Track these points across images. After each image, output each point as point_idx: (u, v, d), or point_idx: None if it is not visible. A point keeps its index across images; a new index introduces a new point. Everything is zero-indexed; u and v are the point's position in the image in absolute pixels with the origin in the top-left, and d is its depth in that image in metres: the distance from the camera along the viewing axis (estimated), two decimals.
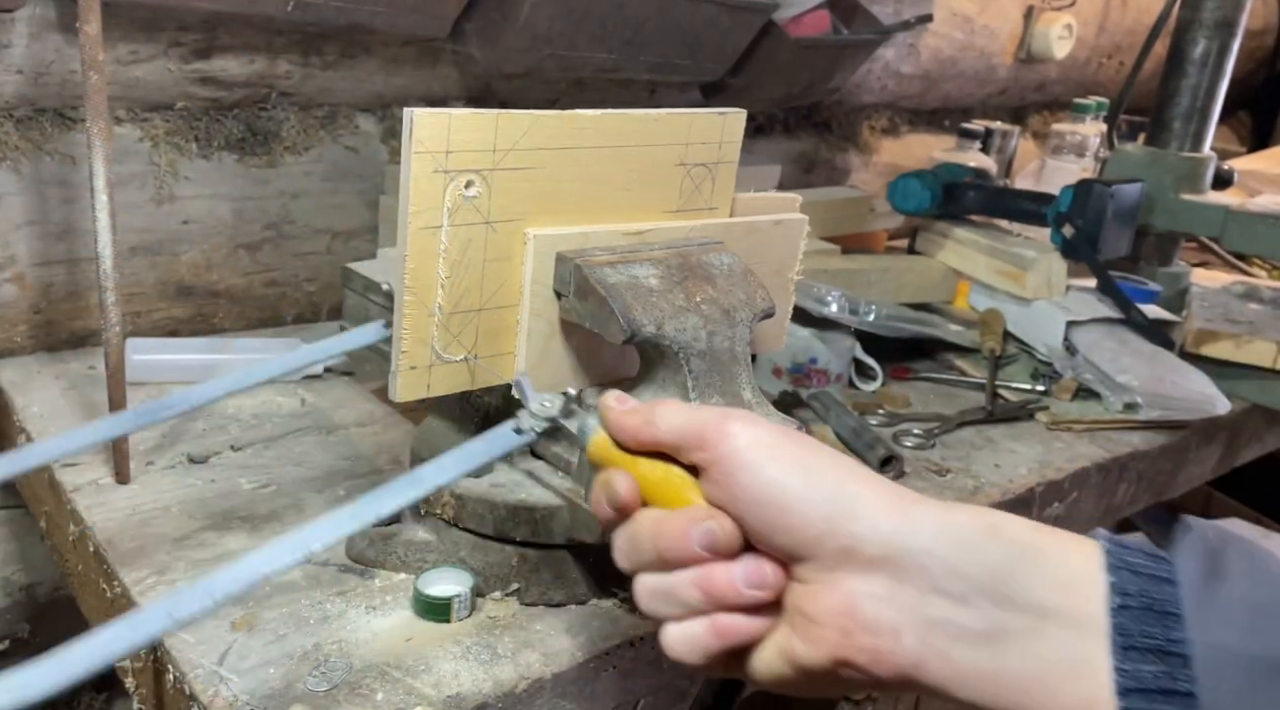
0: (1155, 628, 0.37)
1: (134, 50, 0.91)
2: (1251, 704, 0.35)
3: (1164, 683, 0.36)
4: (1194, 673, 0.36)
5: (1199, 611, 0.37)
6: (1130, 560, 0.39)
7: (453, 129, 0.57)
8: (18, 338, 0.96)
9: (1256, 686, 0.35)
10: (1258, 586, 0.37)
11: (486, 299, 0.62)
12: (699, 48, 1.16)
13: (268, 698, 0.56)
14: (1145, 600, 0.37)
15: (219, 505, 0.75)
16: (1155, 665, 0.37)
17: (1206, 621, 0.37)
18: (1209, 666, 0.36)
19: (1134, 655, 0.37)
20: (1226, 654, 0.36)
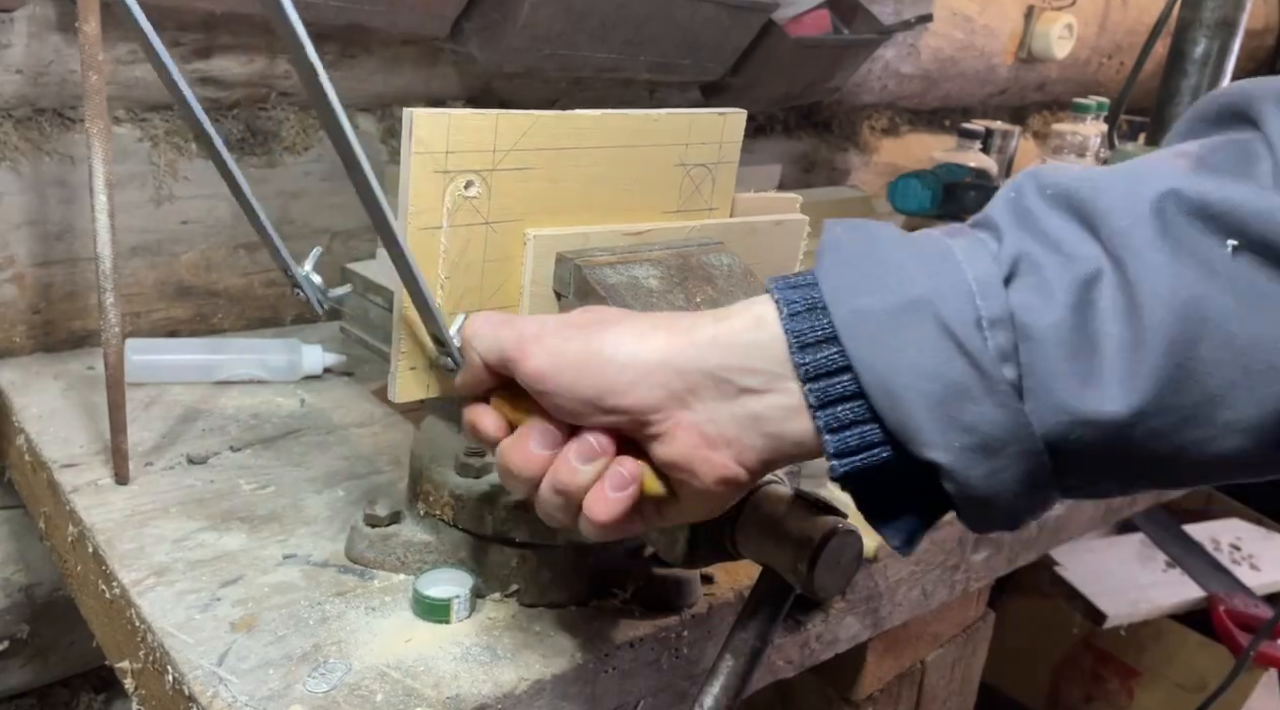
0: (819, 321, 0.43)
1: (134, 50, 0.91)
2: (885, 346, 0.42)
3: (834, 363, 0.43)
4: (843, 345, 0.43)
5: (835, 293, 0.43)
6: (789, 280, 0.45)
7: (452, 129, 0.57)
8: (17, 338, 0.96)
9: (886, 331, 0.42)
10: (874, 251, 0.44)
11: (486, 299, 0.62)
12: (699, 48, 1.16)
13: (267, 698, 0.56)
14: (806, 303, 0.44)
15: (218, 506, 0.75)
16: (824, 351, 0.43)
17: (839, 298, 0.43)
18: (851, 332, 0.42)
19: (809, 349, 0.43)
20: (859, 315, 0.42)
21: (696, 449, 0.46)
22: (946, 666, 1.08)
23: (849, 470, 0.44)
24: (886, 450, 0.43)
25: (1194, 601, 1.56)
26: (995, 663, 1.18)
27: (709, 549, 0.58)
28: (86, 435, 0.82)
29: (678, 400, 0.46)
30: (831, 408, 0.44)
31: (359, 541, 0.69)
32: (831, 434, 0.44)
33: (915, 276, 0.42)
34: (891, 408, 0.42)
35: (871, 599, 0.82)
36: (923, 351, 0.41)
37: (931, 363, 0.41)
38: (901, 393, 0.41)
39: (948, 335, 0.41)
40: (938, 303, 0.41)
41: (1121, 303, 0.39)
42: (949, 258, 0.42)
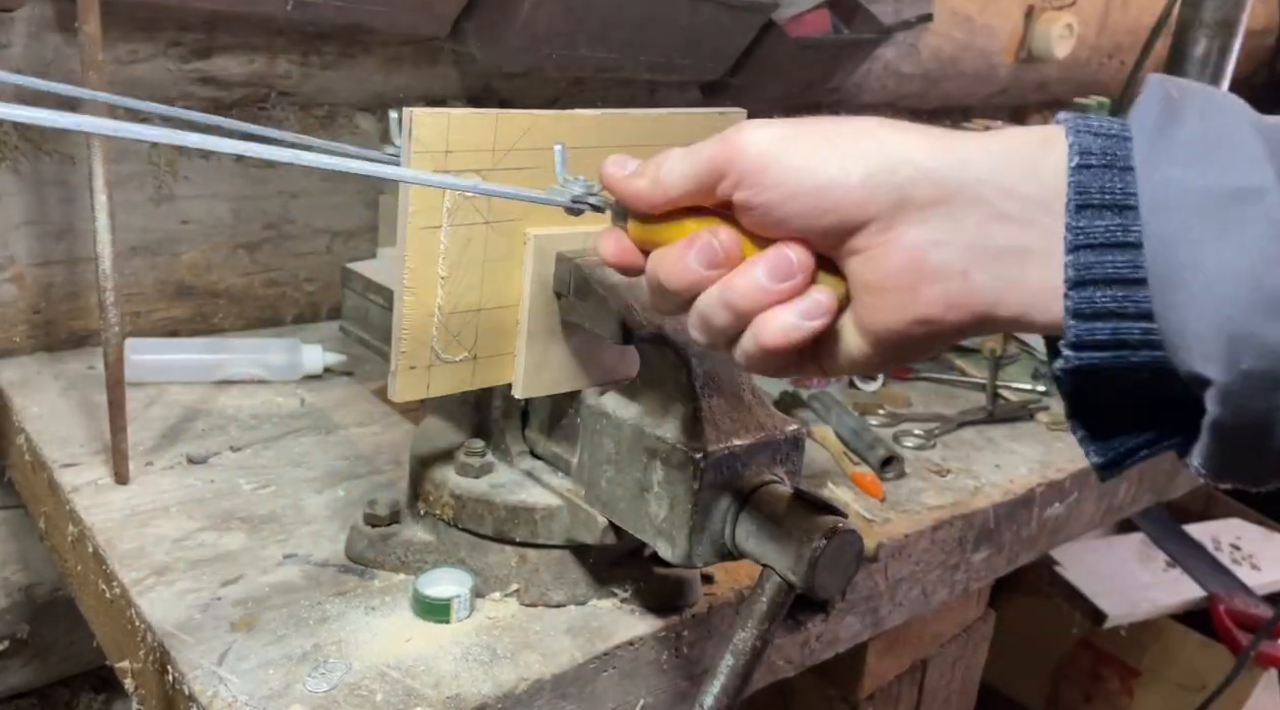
0: (1115, 182, 0.36)
1: (134, 50, 0.91)
2: (1195, 231, 0.35)
3: (1116, 236, 0.36)
4: (1142, 219, 0.35)
5: (1149, 157, 0.36)
6: (1091, 124, 0.38)
7: (452, 129, 0.57)
8: (17, 338, 0.96)
9: (1205, 215, 0.35)
10: (1210, 123, 0.36)
11: (486, 299, 0.62)
12: (699, 48, 1.16)
13: (267, 698, 0.56)
14: (1106, 157, 0.37)
15: (218, 505, 0.75)
16: (1109, 219, 0.36)
17: (1155, 163, 0.36)
18: (1154, 205, 0.35)
19: (1089, 212, 0.36)
20: (1173, 189, 0.35)
21: (905, 273, 0.39)
22: (946, 666, 1.08)
23: (1082, 365, 0.37)
24: (1140, 355, 0.36)
25: (1194, 601, 1.56)
26: (995, 663, 1.18)
27: (709, 549, 0.58)
28: (87, 435, 0.82)
29: (912, 211, 0.39)
30: (1090, 288, 0.36)
31: (359, 541, 0.69)
32: (1079, 320, 0.36)
33: (1257, 159, 0.34)
34: (1173, 305, 0.35)
35: (871, 599, 0.82)
36: (1242, 249, 0.34)
37: (1249, 264, 0.34)
38: (1198, 291, 0.34)
39: (1277, 237, 0.33)
40: (1275, 195, 0.34)
41: None
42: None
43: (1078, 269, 0.36)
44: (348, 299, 0.88)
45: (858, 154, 0.40)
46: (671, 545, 0.58)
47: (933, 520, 0.85)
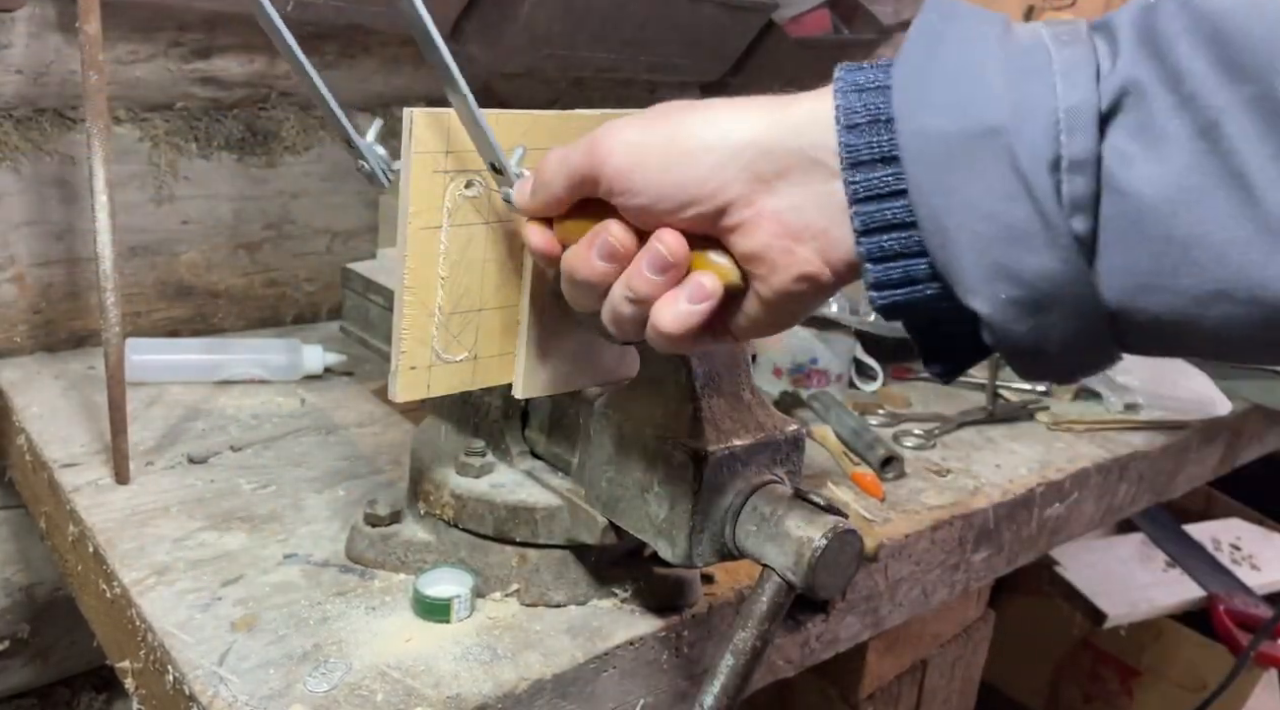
0: (880, 136, 0.39)
1: (134, 50, 0.91)
2: (947, 176, 0.37)
3: (890, 186, 0.39)
4: (903, 169, 0.38)
5: (906, 105, 0.38)
6: (858, 78, 0.41)
7: (452, 129, 0.57)
8: (17, 338, 0.96)
9: (954, 159, 0.37)
10: (963, 56, 0.38)
11: (486, 299, 0.62)
12: (699, 48, 1.16)
13: (267, 698, 0.56)
14: (869, 113, 0.39)
15: (218, 505, 0.75)
16: (880, 171, 0.39)
17: (911, 112, 0.38)
18: (913, 154, 0.38)
19: (863, 167, 0.39)
20: (925, 136, 0.38)
21: (778, 239, 0.42)
22: (946, 666, 1.08)
23: (886, 304, 0.41)
24: (931, 288, 0.40)
25: (1194, 601, 1.56)
26: (995, 663, 1.18)
27: (709, 549, 0.58)
28: (87, 435, 0.83)
29: (763, 185, 0.42)
30: (876, 235, 0.40)
31: (359, 541, 0.69)
32: (874, 264, 0.40)
33: (998, 97, 0.37)
34: (941, 246, 0.38)
35: (871, 599, 0.82)
36: (986, 188, 0.36)
37: (990, 201, 0.36)
38: (954, 230, 0.37)
39: (1015, 173, 0.36)
40: (1013, 134, 0.36)
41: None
42: (1043, 75, 0.37)
43: (863, 219, 0.40)
44: (348, 299, 0.88)
45: (704, 146, 0.43)
46: (671, 545, 0.58)
47: (933, 520, 0.85)
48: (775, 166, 0.42)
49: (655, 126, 0.45)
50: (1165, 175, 0.35)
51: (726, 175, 0.43)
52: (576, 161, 0.47)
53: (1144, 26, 0.36)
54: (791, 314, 0.46)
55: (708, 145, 0.43)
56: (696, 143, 0.43)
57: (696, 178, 0.43)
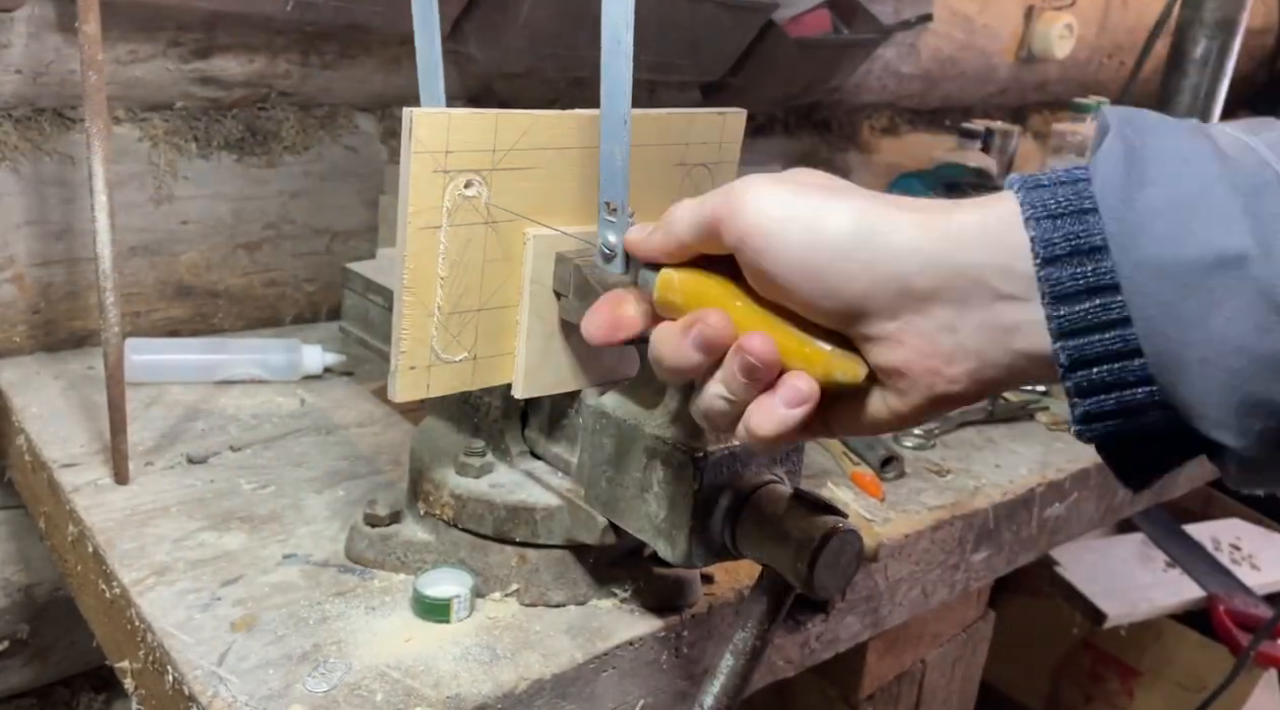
0: (1084, 267, 0.36)
1: (133, 50, 0.91)
2: (1182, 308, 0.35)
3: (1098, 316, 0.36)
4: (1124, 297, 0.36)
5: (1123, 233, 0.36)
6: (1046, 201, 0.37)
7: (452, 129, 0.57)
8: (17, 338, 0.96)
9: (1189, 290, 0.34)
10: (1179, 182, 0.35)
11: (486, 299, 0.62)
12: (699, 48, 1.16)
13: (267, 698, 0.56)
14: (1070, 244, 0.37)
15: (218, 505, 0.75)
16: (1088, 302, 0.36)
17: (1132, 240, 0.35)
18: (1138, 286, 0.35)
19: (1067, 300, 0.37)
20: (1152, 268, 0.35)
21: (925, 359, 0.40)
22: (946, 666, 1.08)
23: (1097, 435, 0.38)
24: (1151, 417, 0.37)
25: (1194, 601, 1.56)
26: (995, 663, 1.18)
27: (709, 549, 0.58)
28: (86, 435, 0.82)
29: (914, 301, 0.39)
30: (1086, 368, 0.37)
31: (359, 541, 0.69)
32: (1081, 398, 0.37)
33: (1233, 220, 0.34)
34: (1175, 381, 0.35)
35: (871, 599, 0.82)
36: (1232, 320, 0.33)
37: (1238, 335, 0.33)
38: (1195, 364, 0.34)
39: (1266, 303, 0.33)
40: (1259, 260, 0.33)
41: None
42: (1272, 193, 0.34)
43: (1069, 353, 0.37)
44: (348, 299, 0.88)
45: (856, 241, 0.40)
46: (671, 545, 0.58)
47: (932, 520, 0.85)
48: (932, 283, 0.39)
49: (804, 197, 0.41)
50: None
51: (875, 279, 0.39)
52: (710, 207, 0.44)
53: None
54: (925, 419, 0.43)
55: (860, 242, 0.40)
56: (849, 236, 0.40)
57: (842, 273, 0.40)
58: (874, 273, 0.40)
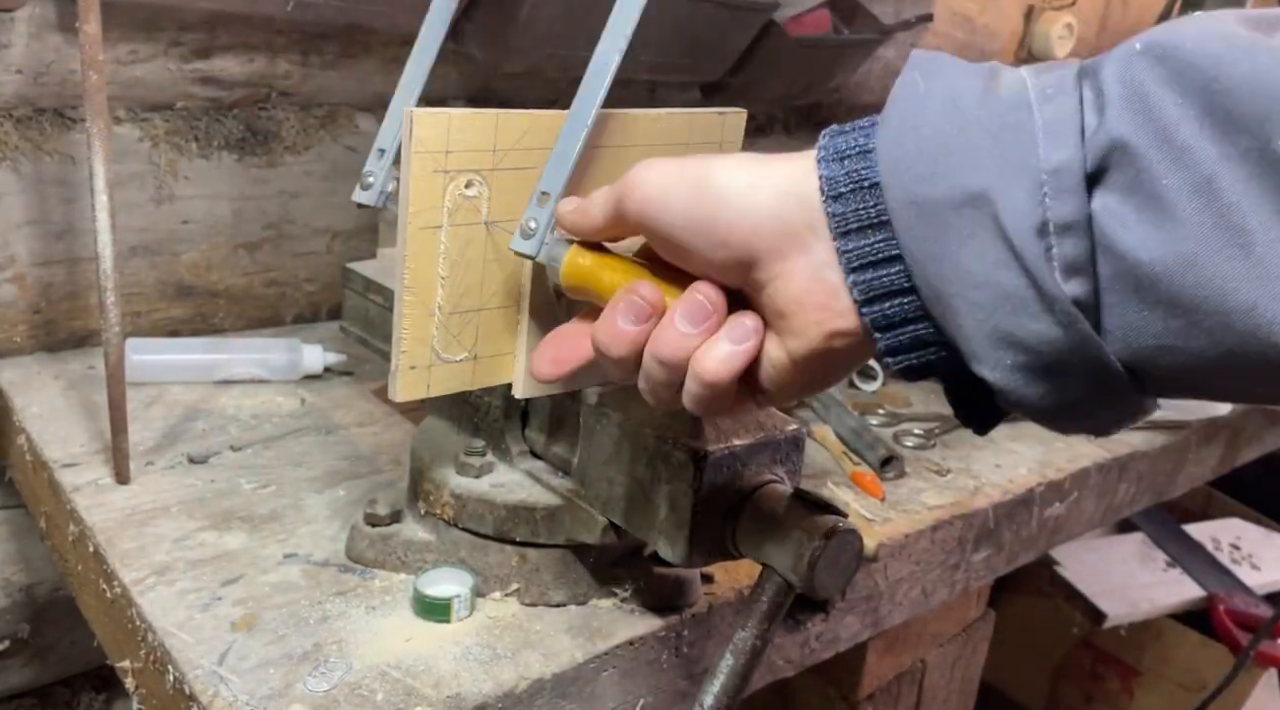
0: (866, 202, 0.39)
1: (134, 50, 0.91)
2: (938, 244, 0.37)
3: (881, 251, 0.39)
4: (894, 234, 0.38)
5: (893, 171, 0.38)
6: (839, 145, 0.40)
7: (452, 129, 0.57)
8: (17, 338, 0.96)
9: (943, 225, 0.37)
10: (947, 119, 0.37)
11: (486, 299, 0.62)
12: (699, 48, 1.16)
13: (267, 698, 0.56)
14: (853, 180, 0.39)
15: (219, 505, 0.75)
16: (872, 237, 0.39)
17: (897, 178, 0.38)
18: (904, 223, 0.38)
19: (852, 236, 0.39)
20: (914, 205, 0.37)
21: (811, 294, 0.41)
22: (946, 666, 1.08)
23: (902, 368, 0.40)
24: (942, 351, 0.39)
25: (1194, 601, 1.56)
26: (995, 663, 1.18)
27: (709, 549, 0.58)
28: (87, 435, 0.82)
29: (795, 238, 0.41)
30: (878, 303, 0.39)
31: (359, 541, 0.69)
32: (881, 332, 0.40)
33: (981, 160, 0.36)
34: (941, 313, 0.38)
35: (871, 598, 0.82)
36: (977, 255, 0.36)
37: (983, 268, 0.36)
38: (951, 298, 0.37)
39: (1003, 239, 0.35)
40: (997, 199, 0.35)
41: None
42: (1026, 134, 0.35)
43: (862, 288, 0.39)
44: (348, 299, 0.88)
45: (736, 190, 0.43)
46: (671, 545, 0.58)
47: (933, 520, 0.85)
48: (807, 219, 0.41)
49: (689, 166, 0.45)
50: (1162, 237, 0.33)
51: (758, 221, 0.42)
52: (616, 187, 0.47)
53: (1129, 78, 0.34)
54: (825, 373, 0.44)
55: (740, 190, 0.42)
56: (730, 186, 0.43)
57: (728, 220, 0.42)
58: (756, 216, 0.42)
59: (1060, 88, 0.36)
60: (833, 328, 0.41)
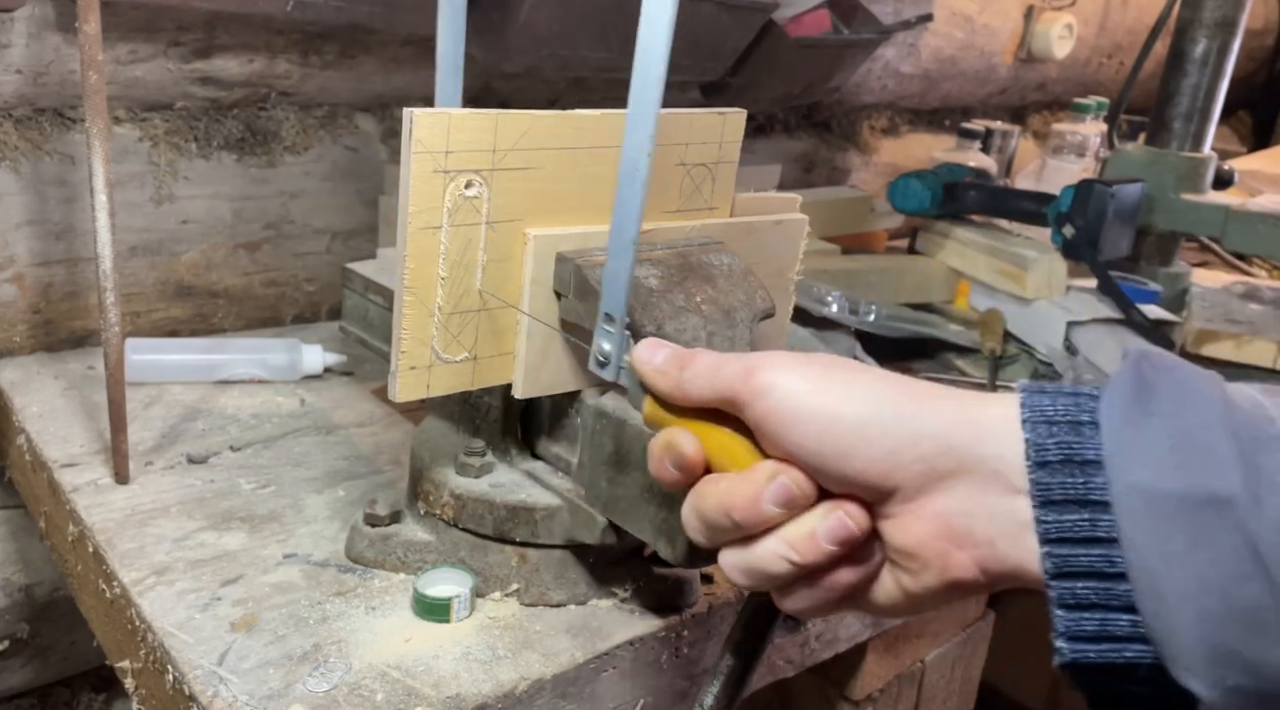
0: (1076, 478, 0.37)
1: (133, 50, 0.91)
2: (1169, 541, 0.35)
3: (1086, 531, 0.36)
4: (1114, 517, 0.36)
5: (1120, 453, 0.36)
6: (1045, 408, 0.38)
7: (452, 129, 0.57)
8: (17, 338, 0.96)
9: (1177, 522, 0.34)
10: (1183, 418, 0.36)
11: (487, 299, 0.62)
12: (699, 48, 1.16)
13: (267, 698, 0.56)
14: (1062, 452, 0.37)
15: (218, 505, 0.75)
16: (1076, 514, 0.36)
17: (1129, 463, 0.36)
18: (1128, 509, 0.35)
19: (1054, 507, 0.37)
20: (1145, 494, 0.35)
21: (938, 540, 0.40)
22: (946, 666, 1.08)
23: (1074, 660, 0.37)
24: (1133, 650, 0.36)
25: None
26: (995, 663, 1.18)
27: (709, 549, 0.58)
28: (87, 435, 0.82)
29: (936, 482, 0.39)
30: (1071, 581, 0.37)
31: (359, 541, 0.69)
32: (1064, 610, 0.37)
33: (1226, 465, 0.34)
34: (1156, 612, 0.35)
35: None
36: (1215, 562, 0.34)
37: (1219, 576, 0.33)
38: (1174, 600, 0.34)
39: (1251, 552, 0.33)
40: (1247, 508, 0.33)
41: None
42: (1269, 447, 0.34)
43: (1056, 561, 0.37)
44: (348, 299, 0.88)
45: (881, 427, 0.40)
46: (671, 545, 0.58)
47: None
48: (954, 465, 0.39)
49: (827, 381, 0.42)
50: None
51: (900, 462, 0.40)
52: (728, 379, 0.44)
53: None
54: (931, 607, 0.44)
55: (884, 426, 0.40)
56: (873, 419, 0.40)
57: (867, 456, 0.40)
58: (899, 456, 0.40)
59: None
60: (953, 577, 0.40)
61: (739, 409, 0.43)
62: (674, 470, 0.45)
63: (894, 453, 0.40)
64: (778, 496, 0.42)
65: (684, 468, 0.45)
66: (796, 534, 0.42)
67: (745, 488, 0.42)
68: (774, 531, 0.42)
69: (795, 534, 0.42)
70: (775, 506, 0.42)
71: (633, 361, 0.49)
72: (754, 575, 0.43)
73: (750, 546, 0.43)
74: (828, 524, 0.41)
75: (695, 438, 0.45)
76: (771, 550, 0.42)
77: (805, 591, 0.43)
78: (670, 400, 0.47)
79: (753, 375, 0.43)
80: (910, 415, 0.40)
